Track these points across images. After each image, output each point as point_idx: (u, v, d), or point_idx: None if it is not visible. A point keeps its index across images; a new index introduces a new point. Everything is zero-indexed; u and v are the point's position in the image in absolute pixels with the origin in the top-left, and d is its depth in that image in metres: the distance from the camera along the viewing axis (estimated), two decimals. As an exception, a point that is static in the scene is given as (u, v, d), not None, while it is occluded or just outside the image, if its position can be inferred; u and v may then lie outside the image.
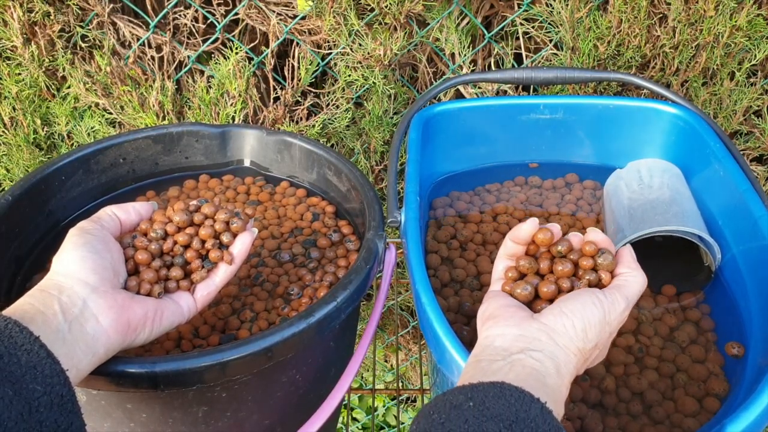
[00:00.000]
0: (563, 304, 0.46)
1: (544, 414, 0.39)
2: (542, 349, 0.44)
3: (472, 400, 0.39)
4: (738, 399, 0.55)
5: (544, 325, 0.45)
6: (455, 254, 0.71)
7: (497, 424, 0.38)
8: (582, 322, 0.45)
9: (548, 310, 0.46)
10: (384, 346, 1.39)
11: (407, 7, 0.90)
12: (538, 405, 0.39)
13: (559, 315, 0.45)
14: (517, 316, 0.46)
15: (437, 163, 0.81)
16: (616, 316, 0.47)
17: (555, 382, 0.43)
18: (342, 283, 0.55)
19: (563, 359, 0.44)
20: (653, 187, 0.73)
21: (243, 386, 0.54)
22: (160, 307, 0.51)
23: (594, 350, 0.46)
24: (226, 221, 0.55)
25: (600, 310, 0.46)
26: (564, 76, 0.79)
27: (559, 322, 0.45)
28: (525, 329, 0.45)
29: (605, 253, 0.49)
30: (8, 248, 0.62)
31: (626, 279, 0.49)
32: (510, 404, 0.39)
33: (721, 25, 0.88)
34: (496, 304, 0.48)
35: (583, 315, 0.45)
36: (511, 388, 0.40)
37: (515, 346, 0.44)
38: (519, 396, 0.39)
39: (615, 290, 0.48)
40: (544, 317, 0.46)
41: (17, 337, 0.40)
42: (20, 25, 0.91)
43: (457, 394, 0.40)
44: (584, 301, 0.46)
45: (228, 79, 0.93)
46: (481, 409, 0.39)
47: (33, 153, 1.00)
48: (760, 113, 0.97)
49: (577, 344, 0.45)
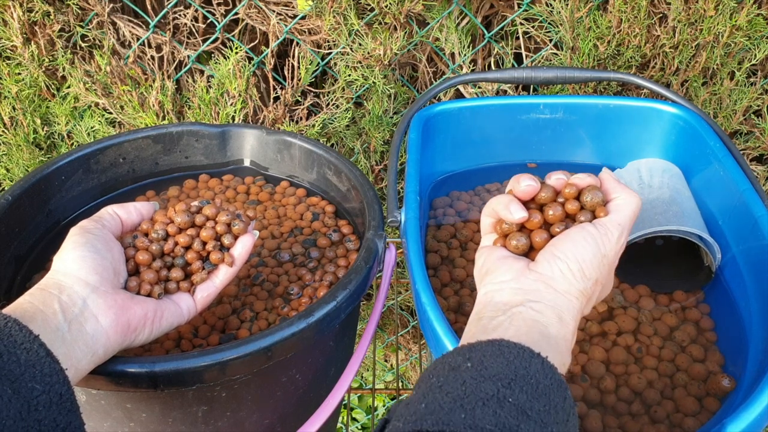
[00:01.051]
0: (555, 248, 0.45)
1: (545, 369, 0.38)
2: (541, 299, 0.43)
3: (470, 361, 0.39)
4: (738, 399, 0.55)
5: (539, 275, 0.44)
6: (455, 254, 0.71)
7: (495, 384, 0.37)
8: (577, 263, 0.44)
9: (541, 256, 0.45)
10: (384, 346, 1.39)
11: (407, 6, 0.90)
12: (538, 360, 0.39)
13: (552, 260, 0.44)
14: (513, 268, 0.45)
15: (437, 163, 0.81)
16: (612, 246, 0.46)
17: (558, 331, 0.42)
18: (342, 283, 0.55)
19: (565, 306, 0.43)
20: (653, 186, 0.73)
21: (243, 386, 0.54)
22: (160, 308, 0.51)
23: (596, 286, 0.45)
24: (227, 223, 0.55)
25: (593, 245, 0.45)
26: (564, 76, 0.79)
27: (555, 268, 0.44)
28: (522, 282, 0.44)
29: (592, 190, 0.47)
30: (8, 248, 0.62)
31: (616, 204, 0.47)
32: (509, 362, 0.38)
33: (721, 25, 0.88)
34: (492, 258, 0.47)
35: (576, 254, 0.44)
36: (509, 344, 0.39)
37: (514, 299, 0.43)
38: (518, 352, 0.39)
39: (605, 220, 0.46)
40: (539, 266, 0.45)
41: (17, 335, 0.40)
42: (20, 25, 0.91)
43: (456, 355, 0.40)
44: (575, 239, 0.45)
45: (228, 78, 0.93)
46: (480, 369, 0.38)
47: (33, 153, 1.00)
48: (760, 113, 0.97)
49: (577, 286, 0.44)
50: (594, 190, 0.47)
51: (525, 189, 0.48)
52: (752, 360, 0.58)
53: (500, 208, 0.48)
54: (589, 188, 0.48)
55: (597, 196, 0.47)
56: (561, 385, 0.38)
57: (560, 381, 0.39)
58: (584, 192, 0.48)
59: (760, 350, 0.57)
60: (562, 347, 0.42)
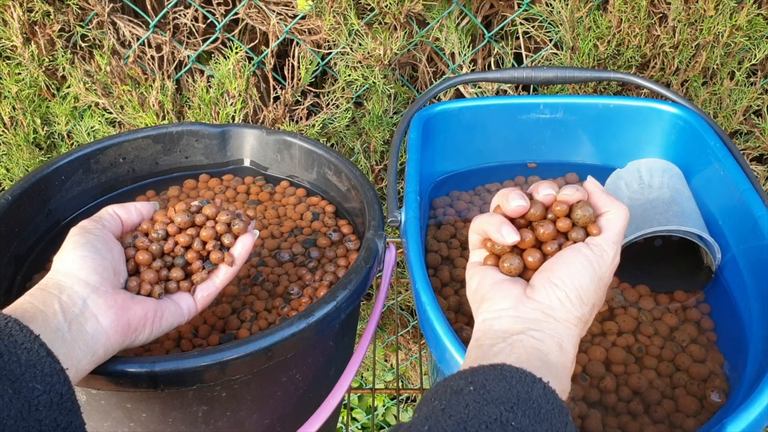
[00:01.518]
0: (551, 273, 0.45)
1: (547, 394, 0.38)
2: (541, 328, 0.43)
3: (473, 384, 0.39)
4: (738, 398, 0.55)
5: (538, 303, 0.44)
6: (455, 253, 0.71)
7: (498, 408, 0.37)
8: (575, 290, 0.44)
9: (538, 282, 0.45)
10: (384, 346, 1.39)
11: (407, 6, 0.90)
12: (540, 385, 0.39)
13: (550, 287, 0.44)
14: (511, 295, 0.45)
15: (437, 163, 0.81)
16: (607, 267, 0.45)
17: (558, 358, 0.42)
18: (342, 283, 0.55)
19: (564, 333, 0.43)
20: (653, 186, 0.73)
21: (243, 386, 0.54)
22: (160, 307, 0.51)
23: (593, 310, 0.45)
24: (227, 222, 0.55)
25: (589, 270, 0.44)
26: (564, 76, 0.79)
27: (553, 297, 0.44)
28: (521, 310, 0.44)
29: (583, 206, 0.46)
30: (8, 247, 0.62)
31: (607, 219, 0.47)
32: (511, 386, 0.38)
33: (721, 25, 0.88)
34: (487, 283, 0.47)
35: (574, 281, 0.44)
36: (512, 369, 0.39)
37: (514, 327, 0.43)
38: (520, 377, 0.39)
39: (600, 240, 0.46)
40: (537, 293, 0.44)
41: (17, 335, 0.40)
42: (20, 25, 0.91)
43: (458, 378, 0.40)
44: (571, 264, 0.45)
45: (228, 78, 0.93)
46: (482, 393, 0.38)
47: (33, 152, 1.00)
48: (760, 113, 0.97)
49: (575, 314, 0.44)
50: (585, 206, 0.46)
51: (515, 209, 0.47)
52: (752, 360, 0.58)
53: (491, 230, 0.48)
54: (580, 204, 0.47)
55: (588, 211, 0.46)
56: (562, 411, 0.39)
57: (561, 406, 0.39)
58: (575, 208, 0.47)
59: (760, 350, 0.57)
60: (562, 374, 0.42)
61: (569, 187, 0.48)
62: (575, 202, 0.47)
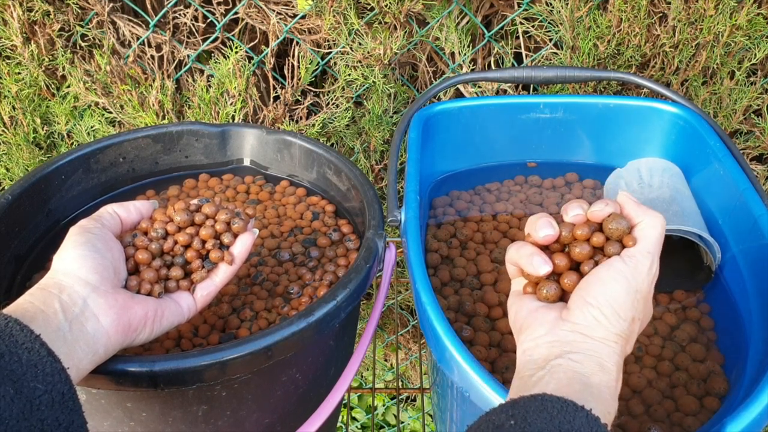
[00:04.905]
0: (585, 292, 0.44)
1: (590, 422, 0.37)
2: (579, 350, 0.42)
3: (514, 418, 0.38)
4: (738, 398, 0.55)
5: (574, 325, 0.43)
6: (455, 253, 0.71)
7: None
8: (610, 307, 0.43)
9: (573, 302, 0.44)
10: (384, 345, 1.39)
11: (407, 6, 0.90)
12: (582, 413, 0.37)
13: (584, 307, 0.43)
14: (546, 321, 0.44)
15: (437, 163, 0.81)
16: (644, 278, 0.44)
17: (600, 379, 0.41)
18: (342, 282, 0.56)
19: (605, 352, 0.42)
20: (653, 186, 0.73)
21: (243, 385, 0.54)
22: (161, 307, 0.51)
23: (634, 324, 0.44)
24: (227, 221, 0.55)
25: (623, 284, 0.43)
26: (564, 75, 0.79)
27: (588, 316, 0.43)
28: (557, 334, 0.43)
29: (615, 218, 0.45)
30: (8, 247, 0.62)
31: (641, 229, 0.45)
32: (552, 417, 0.37)
33: (721, 24, 0.88)
34: (524, 312, 0.46)
35: (608, 298, 0.43)
36: (552, 399, 0.38)
37: (552, 352, 0.42)
38: (561, 407, 0.37)
39: (634, 251, 0.44)
40: (572, 314, 0.43)
41: (18, 335, 0.40)
42: (20, 25, 0.91)
43: (499, 413, 0.39)
44: (604, 279, 0.43)
45: (228, 78, 0.93)
46: (523, 426, 0.37)
47: (33, 152, 1.00)
48: (760, 112, 0.97)
49: (613, 330, 0.42)
50: (617, 219, 0.45)
51: (544, 239, 0.46)
52: (752, 360, 0.58)
53: (523, 261, 0.47)
54: (612, 217, 0.45)
55: (621, 224, 0.45)
56: None
57: None
58: (607, 221, 0.45)
59: (760, 350, 0.57)
60: (605, 395, 0.40)
61: (599, 202, 0.47)
62: (606, 215, 0.46)
